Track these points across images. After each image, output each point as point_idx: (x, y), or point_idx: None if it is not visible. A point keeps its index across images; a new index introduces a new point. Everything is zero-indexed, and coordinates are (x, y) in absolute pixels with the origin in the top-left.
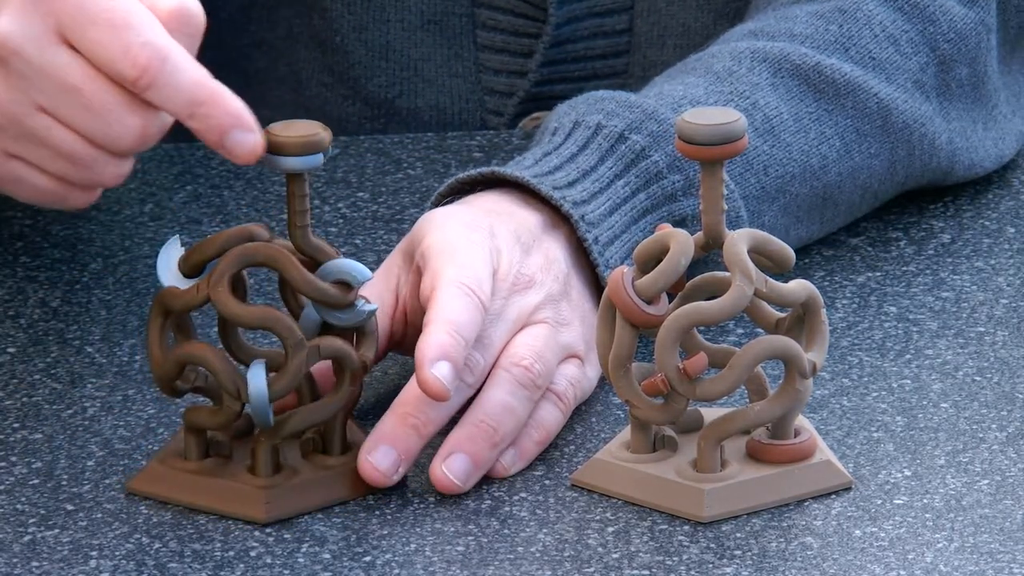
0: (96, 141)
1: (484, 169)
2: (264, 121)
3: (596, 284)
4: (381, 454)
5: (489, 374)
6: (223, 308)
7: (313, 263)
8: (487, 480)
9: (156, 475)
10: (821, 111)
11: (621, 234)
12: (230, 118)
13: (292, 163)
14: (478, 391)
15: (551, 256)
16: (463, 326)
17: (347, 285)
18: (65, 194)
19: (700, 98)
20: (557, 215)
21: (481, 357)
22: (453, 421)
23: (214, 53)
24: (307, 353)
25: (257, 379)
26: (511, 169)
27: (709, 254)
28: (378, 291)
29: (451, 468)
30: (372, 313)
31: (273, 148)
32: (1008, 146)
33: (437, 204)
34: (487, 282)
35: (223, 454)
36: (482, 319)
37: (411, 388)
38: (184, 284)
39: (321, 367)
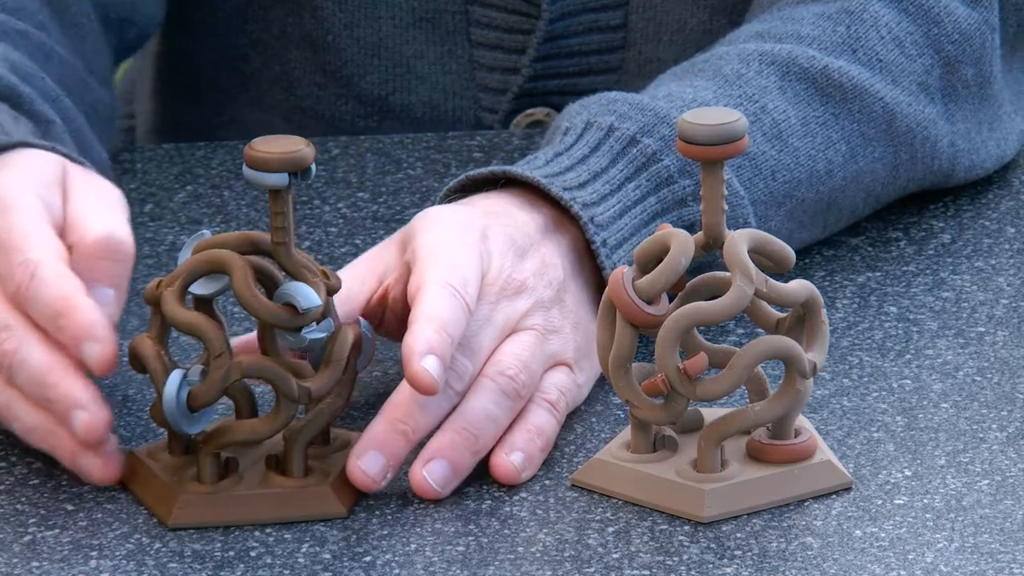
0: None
1: (496, 168)
2: (260, 123)
3: (598, 288)
4: (370, 459)
5: (473, 381)
6: (164, 308)
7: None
8: (487, 480)
9: (130, 463)
10: (828, 115)
11: (630, 237)
12: (81, 329)
13: (263, 179)
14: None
15: (547, 261)
16: (448, 323)
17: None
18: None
19: (710, 102)
20: (563, 217)
21: (469, 362)
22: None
23: (212, 54)
24: (228, 368)
25: (169, 387)
26: (522, 169)
27: (710, 254)
28: (361, 273)
29: (431, 473)
30: (317, 341)
31: (249, 163)
32: (1010, 146)
33: (445, 199)
34: (473, 284)
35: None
36: (467, 318)
37: (401, 392)
38: None
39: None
